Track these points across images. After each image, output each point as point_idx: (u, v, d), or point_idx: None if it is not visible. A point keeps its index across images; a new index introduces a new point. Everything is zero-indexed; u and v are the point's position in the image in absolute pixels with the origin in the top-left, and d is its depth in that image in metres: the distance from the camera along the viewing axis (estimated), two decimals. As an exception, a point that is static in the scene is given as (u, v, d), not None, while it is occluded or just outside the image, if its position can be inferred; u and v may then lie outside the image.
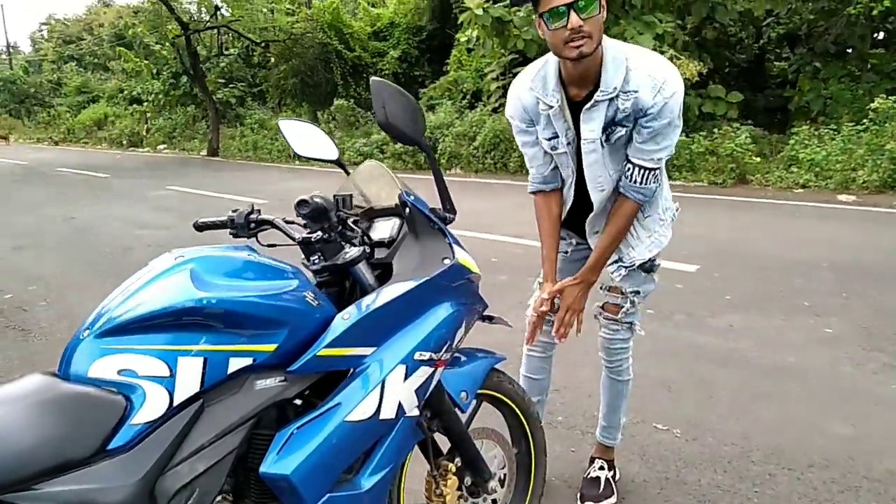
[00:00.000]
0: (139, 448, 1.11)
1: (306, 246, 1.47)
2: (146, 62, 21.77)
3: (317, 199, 1.34)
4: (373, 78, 1.42)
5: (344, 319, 1.32)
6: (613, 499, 2.17)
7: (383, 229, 1.63)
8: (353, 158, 15.79)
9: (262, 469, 1.23)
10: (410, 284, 1.40)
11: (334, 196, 1.43)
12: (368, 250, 1.48)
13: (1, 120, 37.01)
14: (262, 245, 1.50)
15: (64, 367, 1.14)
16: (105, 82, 32.57)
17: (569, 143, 1.87)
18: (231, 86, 22.42)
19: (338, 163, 1.67)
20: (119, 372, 1.12)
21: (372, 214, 1.69)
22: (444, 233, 1.53)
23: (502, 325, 1.79)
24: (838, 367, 3.19)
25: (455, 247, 1.52)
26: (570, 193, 2.00)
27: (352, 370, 1.34)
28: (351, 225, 1.44)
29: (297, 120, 1.74)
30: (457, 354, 1.75)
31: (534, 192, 2.05)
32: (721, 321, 3.89)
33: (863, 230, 6.44)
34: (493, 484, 1.71)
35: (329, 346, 1.28)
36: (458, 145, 13.91)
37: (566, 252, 2.12)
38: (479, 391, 1.76)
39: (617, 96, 1.71)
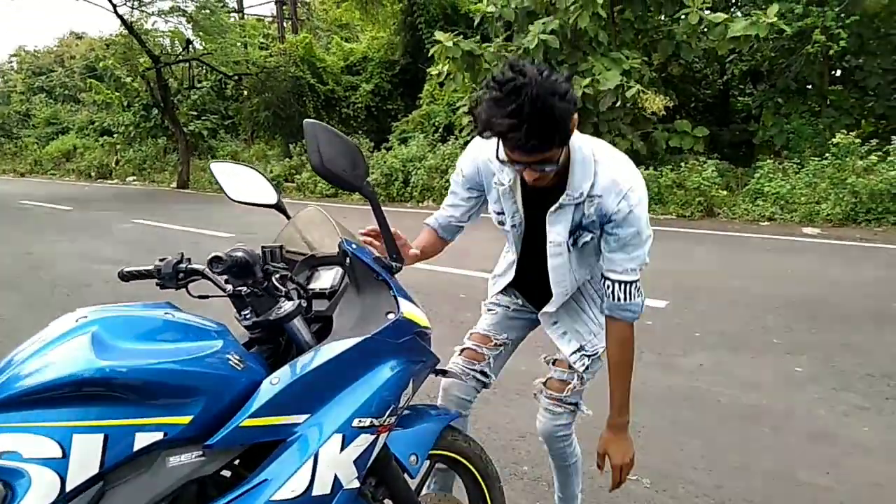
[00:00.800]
0: None
1: (237, 299, 1.34)
2: (117, 94, 21.55)
3: (236, 254, 1.22)
4: (306, 120, 1.31)
5: (272, 384, 1.19)
6: None
7: (325, 279, 1.52)
8: (325, 190, 15.71)
9: None
10: (349, 343, 1.28)
11: (262, 248, 1.31)
12: (305, 304, 1.36)
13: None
14: (193, 296, 1.36)
15: None
16: (75, 114, 32.11)
17: (514, 226, 1.79)
18: (203, 118, 22.24)
19: (277, 207, 1.56)
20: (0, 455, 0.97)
21: (314, 262, 1.57)
22: (389, 284, 1.41)
23: (455, 378, 1.68)
24: (811, 410, 3.12)
25: (401, 300, 1.40)
26: (510, 272, 1.94)
27: (283, 440, 1.21)
28: (275, 282, 1.30)
29: (232, 162, 1.62)
30: (407, 412, 1.63)
31: (427, 224, 1.95)
32: (691, 360, 3.81)
33: (829, 264, 6.48)
34: None
35: (254, 415, 1.15)
36: (431, 178, 13.89)
37: (507, 307, 2.01)
38: (432, 451, 1.64)
39: (583, 201, 1.62)
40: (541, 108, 1.33)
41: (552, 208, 1.64)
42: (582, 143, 1.59)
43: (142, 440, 1.05)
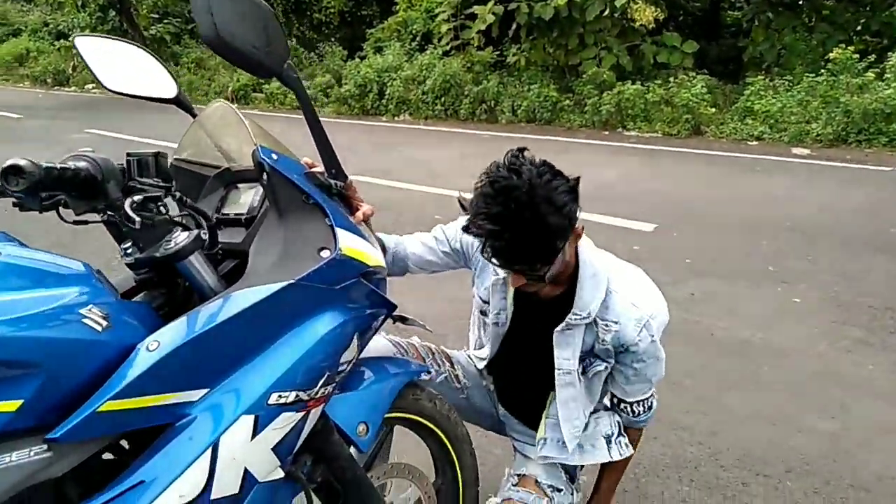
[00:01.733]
0: None
1: (113, 227, 0.97)
2: (70, -7, 19.94)
3: (77, 165, 0.83)
4: None
5: (149, 351, 0.83)
6: None
7: (244, 200, 1.14)
8: (294, 102, 14.85)
9: None
10: (264, 291, 0.92)
11: (128, 157, 0.92)
12: (206, 235, 0.99)
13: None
14: (66, 221, 0.97)
15: None
16: (27, 14, 29.87)
17: (496, 324, 1.51)
18: (166, 21, 20.77)
19: (177, 103, 1.15)
20: None
21: (229, 178, 1.19)
22: (324, 210, 1.04)
23: (419, 327, 1.35)
24: (811, 346, 2.88)
25: (340, 231, 1.03)
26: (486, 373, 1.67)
27: (171, 425, 0.87)
28: (144, 205, 0.91)
29: (107, 37, 1.18)
30: (357, 368, 1.29)
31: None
32: (682, 289, 3.53)
33: (821, 187, 6.19)
34: None
35: (120, 396, 0.80)
36: (407, 90, 13.18)
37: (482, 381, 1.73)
38: (399, 415, 1.32)
39: (595, 322, 1.35)
40: (529, 218, 1.13)
41: (559, 327, 1.36)
42: (593, 258, 1.35)
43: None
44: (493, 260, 1.23)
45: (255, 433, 0.90)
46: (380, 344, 1.51)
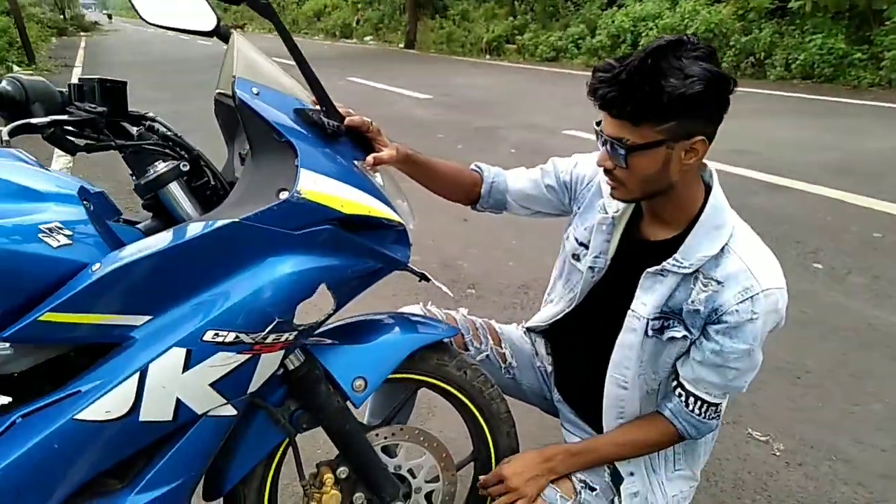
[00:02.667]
0: None
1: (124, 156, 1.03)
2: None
3: None
4: None
5: (91, 271, 0.87)
6: None
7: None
8: (545, 54, 14.72)
9: None
10: (206, 227, 0.90)
11: (70, 83, 0.95)
12: (187, 166, 1.00)
13: (244, 10, 40.68)
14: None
15: None
16: (331, -27, 33.79)
17: (590, 268, 1.30)
18: (440, -26, 21.87)
19: (218, 34, 1.16)
20: None
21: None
22: (295, 149, 0.97)
23: (439, 287, 1.23)
24: None
25: (307, 172, 0.95)
26: (539, 345, 1.49)
27: (118, 345, 0.91)
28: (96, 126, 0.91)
29: None
30: (361, 321, 1.25)
31: (476, 167, 1.41)
32: None
33: None
34: None
35: (59, 309, 0.85)
36: (663, 41, 12.22)
37: (534, 354, 1.52)
38: (412, 376, 1.25)
39: (696, 278, 1.14)
40: (649, 68, 1.00)
41: (652, 268, 1.18)
42: (724, 211, 1.17)
43: (-89, 325, 0.82)
44: (603, 114, 1.08)
45: (186, 366, 0.90)
46: (410, 311, 1.42)
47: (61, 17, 31.15)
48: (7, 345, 0.87)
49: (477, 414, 1.31)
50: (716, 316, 1.12)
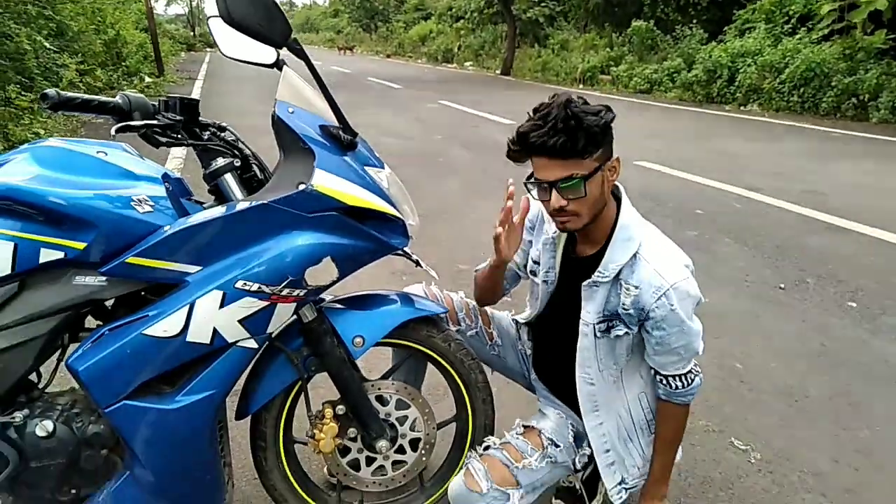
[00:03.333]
0: None
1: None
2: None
3: (66, 94, 1.25)
4: None
5: (164, 230, 1.24)
6: None
7: None
8: (639, 86, 14.75)
9: (67, 360, 1.26)
10: (243, 205, 1.25)
11: (161, 98, 1.32)
12: (238, 162, 1.36)
13: (354, 33, 42.85)
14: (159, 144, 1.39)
15: None
16: (439, 0, 35.10)
17: (544, 282, 1.59)
18: (542, 4, 22.30)
19: (277, 67, 1.53)
20: None
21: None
22: (314, 154, 1.31)
23: (427, 271, 1.53)
24: None
25: (320, 172, 1.29)
26: (522, 332, 1.77)
27: (177, 285, 1.28)
28: (166, 131, 1.29)
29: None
30: (369, 294, 1.56)
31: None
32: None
33: None
34: (381, 443, 1.52)
35: (140, 254, 1.22)
36: (761, 77, 12.02)
37: (517, 339, 1.80)
38: (405, 343, 1.55)
39: (619, 284, 1.41)
40: (570, 114, 1.28)
41: (586, 282, 1.45)
42: (632, 225, 1.43)
43: (46, 255, 1.20)
44: (541, 161, 1.34)
45: (222, 305, 1.24)
46: (413, 290, 1.72)
47: (191, 33, 33.87)
48: (104, 278, 1.25)
49: (458, 381, 1.59)
50: (644, 314, 1.39)
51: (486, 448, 1.55)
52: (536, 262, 1.61)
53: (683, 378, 1.46)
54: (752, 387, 2.39)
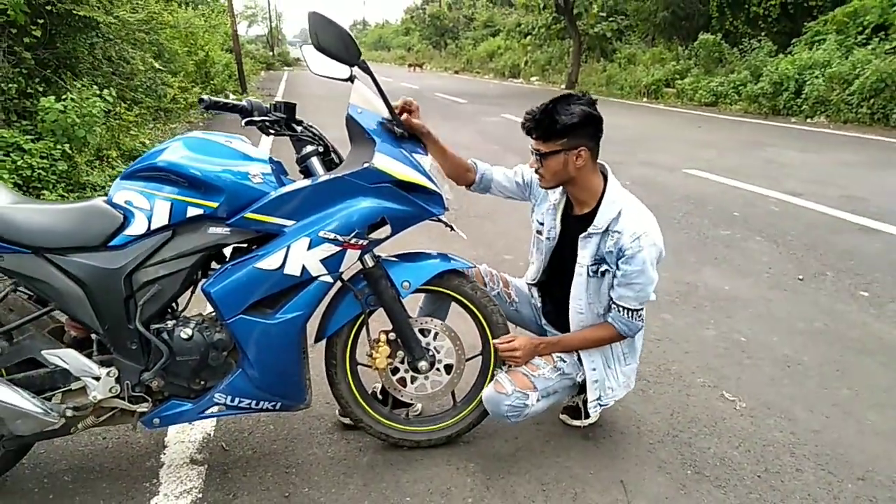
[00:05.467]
0: (126, 250, 1.76)
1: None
2: (536, -3, 23.22)
3: (239, 102, 1.79)
4: (309, 10, 1.75)
5: (270, 195, 1.76)
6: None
7: None
8: (703, 99, 14.78)
9: (203, 286, 1.79)
10: (324, 178, 1.76)
11: (271, 103, 1.85)
12: (321, 149, 1.88)
13: (424, 50, 44.00)
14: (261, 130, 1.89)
15: (110, 194, 1.86)
16: (507, 17, 35.74)
17: (548, 238, 2.08)
18: (610, 19, 22.50)
19: (351, 80, 2.04)
20: (125, 201, 1.77)
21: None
22: (375, 141, 1.81)
23: (458, 234, 1.99)
24: None
25: (381, 154, 1.78)
26: (533, 291, 2.23)
27: (278, 234, 1.80)
28: (267, 125, 1.81)
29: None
30: (417, 252, 2.04)
31: (473, 160, 2.17)
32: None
33: None
34: (422, 364, 1.98)
35: (254, 211, 1.74)
36: (830, 89, 11.91)
37: (531, 297, 2.27)
38: (441, 290, 2.03)
39: (608, 233, 1.88)
40: (549, 107, 1.81)
41: (583, 234, 1.93)
42: (616, 193, 1.92)
43: (191, 211, 1.74)
44: (525, 132, 1.88)
45: (309, 248, 1.74)
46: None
47: (270, 53, 35.64)
48: (229, 229, 1.78)
49: (483, 321, 2.05)
50: (621, 254, 1.84)
51: (509, 367, 2.01)
52: (541, 223, 2.08)
53: (631, 313, 1.90)
54: (751, 355, 2.73)
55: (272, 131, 1.82)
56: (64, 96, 5.10)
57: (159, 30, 8.35)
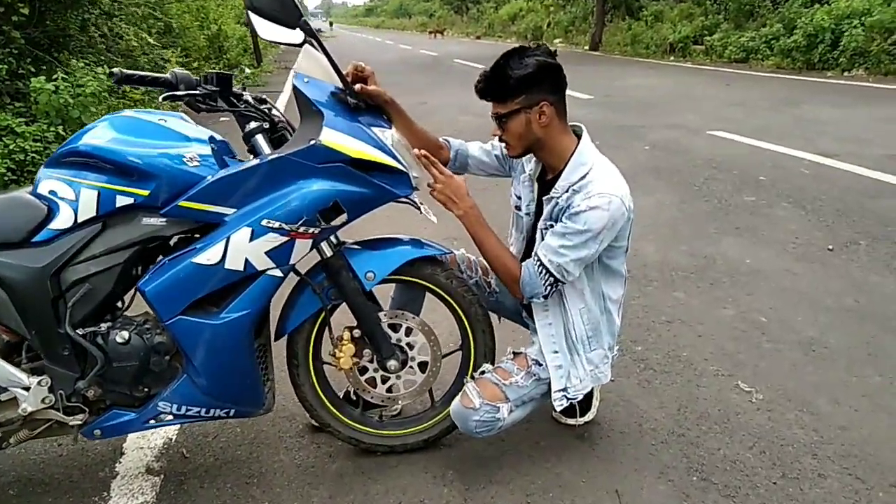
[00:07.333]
0: (52, 245, 1.58)
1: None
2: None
3: (128, 72, 1.57)
4: None
5: (208, 179, 1.55)
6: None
7: None
8: (734, 55, 14.10)
9: (138, 284, 1.61)
10: (266, 159, 1.54)
11: (202, 74, 1.63)
12: (267, 125, 1.66)
13: (445, 15, 43.14)
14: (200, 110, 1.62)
15: (35, 184, 1.67)
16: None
17: (527, 214, 1.85)
18: (636, -27, 21.60)
19: (302, 45, 1.80)
20: (49, 191, 1.58)
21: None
22: (323, 115, 1.58)
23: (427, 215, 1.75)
24: None
25: (328, 129, 1.55)
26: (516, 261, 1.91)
27: (218, 224, 1.59)
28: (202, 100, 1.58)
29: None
30: (385, 237, 1.82)
31: (446, 139, 1.95)
32: None
33: None
34: (392, 363, 1.77)
35: (189, 199, 1.53)
36: (870, 39, 11.23)
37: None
38: (412, 280, 1.81)
39: (567, 193, 1.66)
40: (498, 64, 1.60)
41: (545, 196, 1.72)
42: (587, 153, 1.68)
43: (120, 201, 1.55)
44: (479, 96, 1.66)
45: (251, 239, 1.53)
46: None
47: (290, 25, 35.24)
48: (164, 219, 1.58)
49: (461, 314, 1.83)
50: (569, 209, 1.63)
51: (482, 373, 1.79)
52: (519, 198, 1.86)
53: (542, 268, 1.64)
54: (771, 338, 2.47)
55: (203, 107, 1.60)
56: (55, 76, 4.95)
57: (164, 4, 8.15)
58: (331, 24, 62.51)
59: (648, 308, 2.74)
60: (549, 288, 1.67)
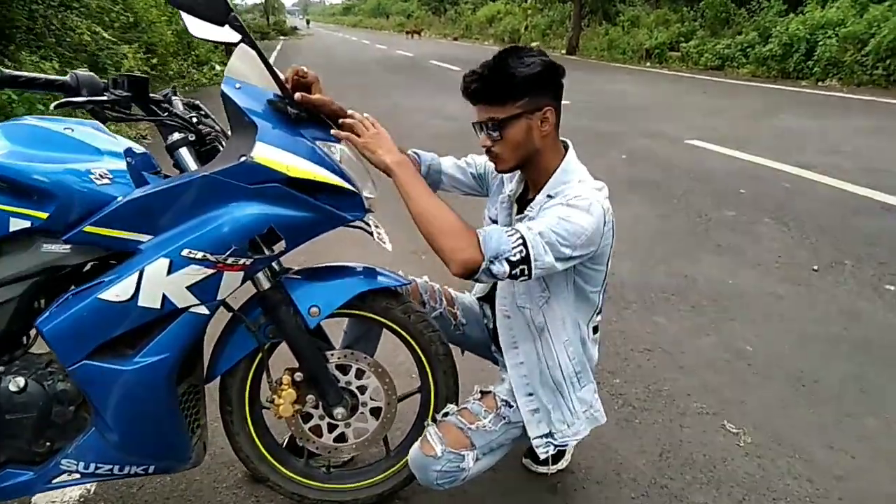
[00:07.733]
0: None
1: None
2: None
3: (13, 73, 1.32)
4: None
5: (117, 200, 1.32)
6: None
7: None
8: (709, 62, 14.11)
9: (36, 322, 1.36)
10: (186, 178, 1.31)
11: (111, 77, 1.39)
12: (192, 137, 1.42)
13: (423, 16, 42.94)
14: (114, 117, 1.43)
15: None
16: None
17: None
18: (612, -22, 21.63)
19: (238, 44, 1.57)
20: None
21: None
22: (257, 127, 1.35)
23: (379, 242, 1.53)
24: None
25: (260, 144, 1.32)
26: (485, 308, 1.80)
27: (132, 253, 1.35)
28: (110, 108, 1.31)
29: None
30: (332, 266, 1.60)
31: (414, 151, 1.70)
32: None
33: None
34: (339, 410, 1.56)
35: (95, 224, 1.30)
36: (843, 50, 11.31)
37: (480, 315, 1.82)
38: (362, 313, 1.59)
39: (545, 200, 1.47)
40: (497, 62, 1.38)
41: (517, 216, 1.54)
42: (571, 171, 1.48)
43: (15, 224, 1.30)
44: (470, 98, 1.42)
45: (170, 271, 1.31)
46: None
47: (265, 22, 34.80)
48: (68, 246, 1.34)
49: (420, 352, 1.61)
50: (545, 204, 1.42)
51: (446, 415, 1.58)
52: (494, 220, 1.65)
53: (514, 233, 1.33)
54: (758, 370, 2.30)
55: (111, 115, 1.35)
56: (-2, 71, 4.62)
57: (127, -4, 7.79)
58: (308, 21, 61.75)
59: (626, 334, 2.55)
60: (515, 253, 1.32)
